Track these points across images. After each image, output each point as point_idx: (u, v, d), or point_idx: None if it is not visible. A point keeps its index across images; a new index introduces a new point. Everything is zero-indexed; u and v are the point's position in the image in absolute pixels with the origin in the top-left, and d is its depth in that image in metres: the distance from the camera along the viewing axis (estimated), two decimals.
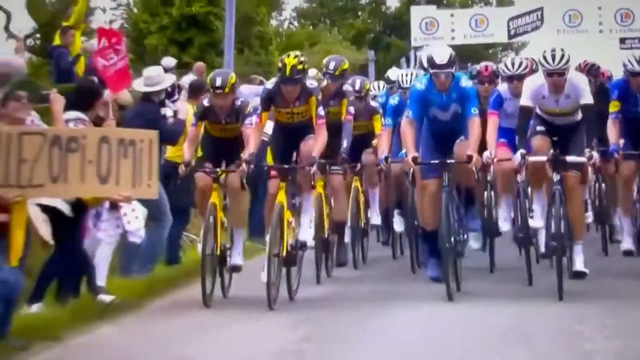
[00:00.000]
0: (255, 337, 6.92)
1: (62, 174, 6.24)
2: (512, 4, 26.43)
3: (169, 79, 10.11)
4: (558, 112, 8.83)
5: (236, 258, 8.62)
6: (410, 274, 9.97)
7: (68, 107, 7.75)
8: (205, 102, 8.80)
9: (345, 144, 9.48)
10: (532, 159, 8.69)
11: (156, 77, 9.83)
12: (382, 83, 11.90)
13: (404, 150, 9.35)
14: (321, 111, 8.79)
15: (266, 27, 22.48)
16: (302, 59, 8.60)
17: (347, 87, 10.01)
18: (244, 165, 8.28)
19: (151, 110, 9.38)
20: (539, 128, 8.86)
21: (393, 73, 11.72)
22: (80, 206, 7.58)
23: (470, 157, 8.72)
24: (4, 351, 6.01)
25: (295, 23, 31.96)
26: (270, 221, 8.37)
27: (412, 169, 9.13)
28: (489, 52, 24.33)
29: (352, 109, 9.71)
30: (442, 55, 8.88)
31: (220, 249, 8.41)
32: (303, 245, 8.81)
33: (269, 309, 7.85)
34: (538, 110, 8.90)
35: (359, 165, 10.27)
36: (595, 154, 8.60)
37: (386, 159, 10.03)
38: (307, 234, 8.86)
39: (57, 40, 11.66)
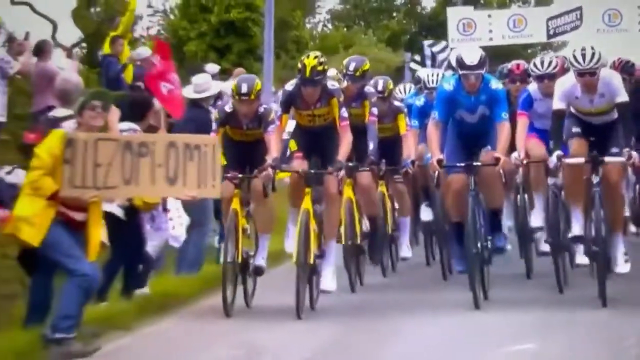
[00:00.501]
0: (279, 346, 6.97)
1: (133, 176, 6.80)
2: (551, 2, 26.90)
3: (216, 86, 10.85)
4: (594, 112, 8.69)
5: (260, 260, 8.62)
6: (439, 281, 9.88)
7: (121, 118, 8.24)
8: (227, 108, 8.77)
9: (371, 145, 9.43)
10: (569, 160, 8.54)
11: (204, 84, 10.50)
12: (408, 85, 11.87)
13: (429, 154, 9.24)
14: (344, 113, 8.65)
15: (302, 31, 23.18)
16: (322, 59, 8.48)
17: (369, 88, 9.89)
18: (269, 170, 8.24)
19: (202, 116, 9.89)
20: (575, 130, 8.72)
21: (422, 72, 11.72)
22: (134, 210, 8.34)
23: (497, 160, 8.56)
24: (80, 338, 6.77)
25: (329, 25, 32.59)
26: (293, 200, 8.48)
27: (437, 172, 8.90)
28: (527, 52, 24.67)
29: (375, 110, 9.62)
30: (473, 56, 8.75)
31: (241, 256, 8.37)
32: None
33: (297, 318, 7.84)
34: (573, 110, 8.75)
35: (384, 168, 10.12)
36: (635, 154, 8.44)
37: (413, 162, 9.92)
38: (330, 284, 8.62)
39: (106, 49, 12.39)
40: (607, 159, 8.46)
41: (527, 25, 22.29)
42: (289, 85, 8.76)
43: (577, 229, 8.74)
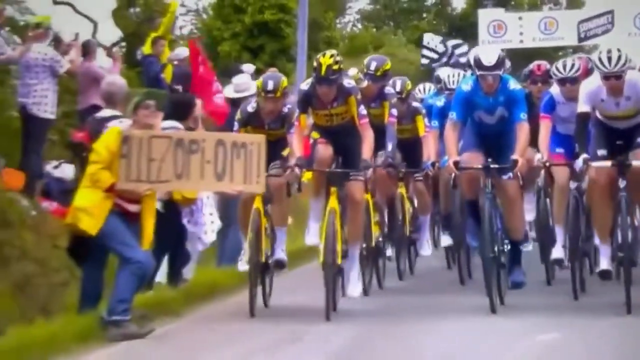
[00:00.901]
0: (294, 348, 7.02)
1: (184, 171, 7.38)
2: (583, 5, 27.20)
3: (255, 85, 11.48)
4: (619, 116, 8.59)
5: (280, 253, 8.64)
6: (457, 286, 9.77)
7: (163, 117, 8.63)
8: (250, 108, 8.76)
9: (389, 147, 9.41)
10: (595, 164, 8.39)
11: (244, 84, 11.05)
12: (428, 85, 11.82)
13: (446, 157, 9.05)
14: (363, 110, 8.54)
15: (333, 32, 23.83)
16: (338, 58, 8.38)
17: (389, 89, 9.84)
18: (296, 169, 8.22)
19: None
20: (600, 152, 8.53)
21: (443, 72, 11.55)
22: (173, 204, 8.94)
23: (515, 162, 8.45)
24: (133, 321, 7.41)
25: (359, 25, 32.97)
26: (314, 191, 8.50)
27: (453, 174, 8.77)
28: (558, 55, 25.05)
29: (394, 112, 9.61)
30: (490, 56, 8.63)
31: (264, 256, 8.43)
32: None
33: (326, 319, 7.83)
34: (598, 114, 8.66)
35: (403, 170, 10.11)
36: None
37: (433, 164, 9.78)
38: (356, 288, 8.71)
39: (148, 50, 12.98)
40: (634, 162, 8.33)
41: (558, 27, 22.65)
42: (304, 85, 8.72)
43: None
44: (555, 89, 9.34)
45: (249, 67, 14.27)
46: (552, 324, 7.70)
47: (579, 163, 8.38)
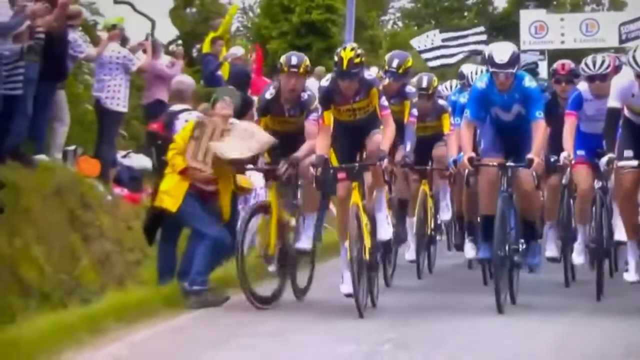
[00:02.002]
0: (306, 345, 7.08)
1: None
2: (625, 6, 27.85)
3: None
4: None
5: (302, 242, 8.72)
6: (477, 285, 9.68)
7: None
8: (268, 95, 8.84)
9: (408, 147, 9.42)
10: (622, 163, 8.32)
11: None
12: (454, 82, 11.70)
13: (461, 154, 9.00)
14: (384, 101, 8.51)
15: (376, 31, 24.83)
16: (359, 51, 8.32)
17: (410, 88, 9.80)
18: (311, 169, 8.16)
19: None
20: (627, 153, 8.42)
21: (467, 68, 11.49)
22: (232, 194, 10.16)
23: (531, 161, 8.42)
24: (211, 291, 8.51)
25: (400, 23, 33.81)
26: (344, 227, 8.26)
27: (467, 171, 8.72)
28: None
29: (415, 112, 9.59)
30: (503, 53, 8.57)
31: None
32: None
33: (359, 317, 7.86)
34: (626, 112, 8.57)
35: (427, 168, 10.14)
36: None
37: (455, 162, 9.58)
38: (387, 231, 8.70)
39: (206, 48, 14.21)
40: None
41: (599, 29, 23.23)
42: (325, 81, 8.56)
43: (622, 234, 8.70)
44: (583, 86, 9.29)
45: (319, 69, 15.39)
46: (567, 324, 7.77)
47: (603, 162, 8.33)
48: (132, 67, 11.80)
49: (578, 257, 9.52)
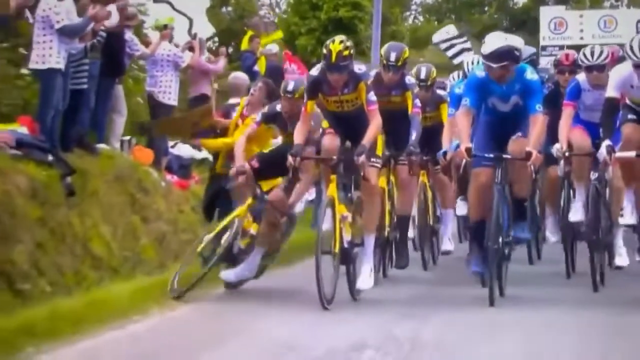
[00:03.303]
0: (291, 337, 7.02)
1: None
2: None
3: None
4: None
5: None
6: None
7: None
8: (277, 108, 9.14)
9: (414, 136, 9.41)
10: (620, 154, 8.36)
11: None
12: (460, 72, 11.47)
13: (456, 142, 8.96)
14: (372, 97, 8.46)
15: (400, 26, 25.92)
16: (348, 44, 8.33)
17: (409, 79, 9.82)
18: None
19: None
20: (630, 116, 8.54)
21: (468, 57, 11.51)
22: None
23: (529, 154, 8.34)
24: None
25: (420, 17, 34.73)
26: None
27: (464, 161, 8.77)
28: None
29: (418, 102, 9.63)
30: (493, 46, 8.43)
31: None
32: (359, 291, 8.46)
33: (322, 308, 7.87)
34: (627, 101, 8.63)
35: (425, 158, 10.02)
36: None
37: (444, 153, 9.34)
38: (366, 283, 8.52)
39: (245, 46, 15.48)
40: None
41: (617, 26, 24.14)
42: (314, 71, 8.61)
43: (629, 218, 8.74)
44: (582, 77, 9.35)
45: None
46: (566, 316, 7.79)
47: (602, 151, 8.40)
48: (181, 64, 13.06)
49: (552, 236, 9.95)
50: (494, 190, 8.52)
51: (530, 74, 8.63)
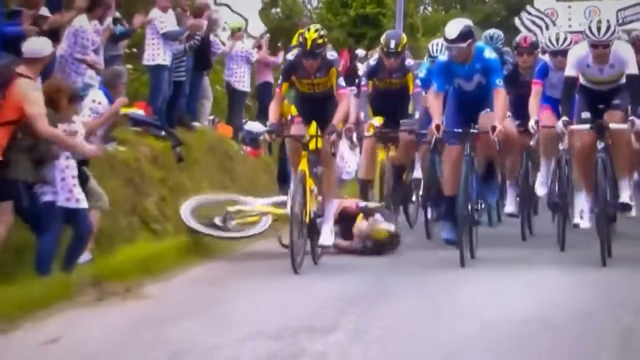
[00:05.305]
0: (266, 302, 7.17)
1: None
2: None
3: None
4: (603, 81, 8.61)
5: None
6: (424, 242, 9.97)
7: None
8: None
9: (417, 115, 9.75)
10: (574, 127, 8.45)
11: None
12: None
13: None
14: (341, 81, 8.66)
15: (415, 18, 27.82)
16: (322, 32, 8.55)
17: (409, 61, 10.03)
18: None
19: None
20: (584, 116, 8.55)
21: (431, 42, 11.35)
22: None
23: (494, 128, 8.49)
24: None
25: (430, 8, 36.36)
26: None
27: (434, 137, 8.82)
28: None
29: (418, 82, 9.86)
30: (453, 29, 8.65)
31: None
32: (323, 247, 8.72)
33: (293, 272, 8.02)
34: (582, 80, 8.61)
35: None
36: (638, 121, 8.28)
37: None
38: (327, 239, 8.73)
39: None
40: (611, 125, 8.40)
41: (600, 14, 24.18)
42: (290, 55, 8.87)
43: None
44: (547, 57, 9.66)
45: (360, 52, 18.85)
46: (524, 276, 7.81)
47: (559, 125, 8.49)
48: (252, 58, 15.32)
49: (510, 206, 10.03)
50: (463, 162, 8.67)
51: (489, 53, 8.88)
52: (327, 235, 8.81)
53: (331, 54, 8.82)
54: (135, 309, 6.96)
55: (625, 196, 8.64)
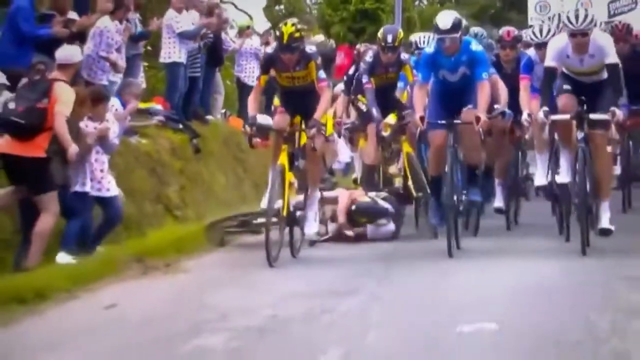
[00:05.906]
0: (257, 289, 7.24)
1: None
2: None
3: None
4: (584, 72, 8.52)
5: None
6: (413, 231, 10.05)
7: None
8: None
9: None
10: (554, 117, 8.37)
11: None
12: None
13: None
14: (322, 74, 8.58)
15: (412, 12, 27.79)
16: (299, 26, 8.49)
17: (404, 55, 10.13)
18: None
19: None
20: (566, 87, 8.52)
21: (416, 35, 11.64)
22: None
23: (478, 119, 8.50)
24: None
25: (425, 1, 36.82)
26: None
27: (418, 129, 9.08)
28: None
29: (416, 72, 9.72)
30: (446, 20, 8.69)
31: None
32: (311, 239, 8.77)
33: (268, 266, 7.99)
34: (564, 70, 8.58)
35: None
36: (619, 112, 8.23)
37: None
38: (311, 228, 8.74)
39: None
40: (592, 115, 8.31)
41: (592, 6, 23.92)
42: (269, 49, 8.92)
43: (563, 177, 8.74)
44: (531, 52, 9.68)
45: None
46: (513, 266, 7.91)
47: (540, 116, 8.42)
48: (260, 54, 15.91)
49: (498, 202, 10.08)
50: (447, 154, 8.72)
51: (475, 46, 8.90)
52: (312, 225, 8.85)
53: (310, 48, 8.83)
54: (178, 280, 7.80)
55: (605, 221, 8.55)
